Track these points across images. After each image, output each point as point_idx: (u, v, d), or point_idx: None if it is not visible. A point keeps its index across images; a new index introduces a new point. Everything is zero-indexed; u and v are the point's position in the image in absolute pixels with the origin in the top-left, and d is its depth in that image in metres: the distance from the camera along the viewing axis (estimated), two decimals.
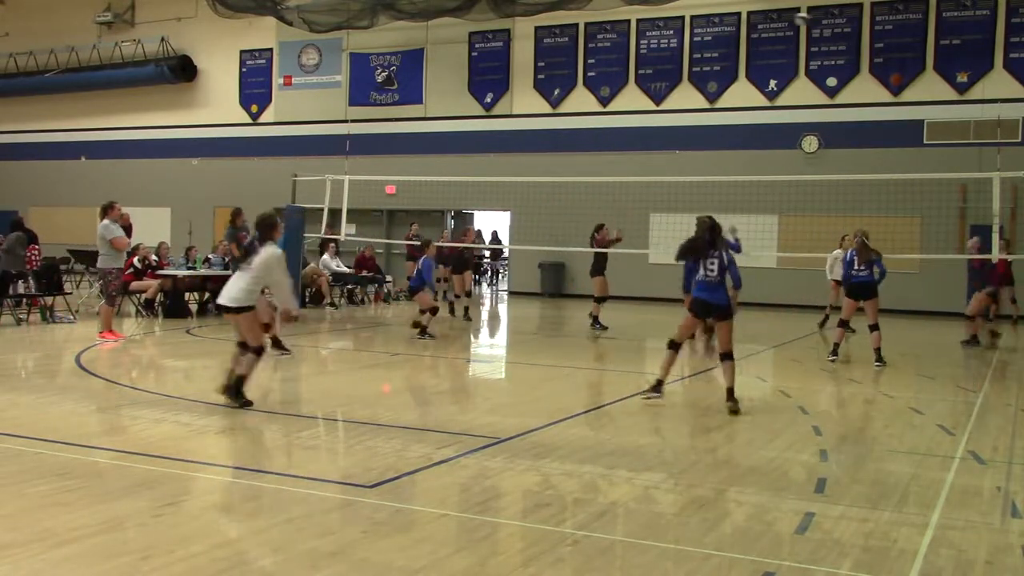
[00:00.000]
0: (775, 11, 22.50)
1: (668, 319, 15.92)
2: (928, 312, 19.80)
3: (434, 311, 14.30)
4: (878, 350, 11.91)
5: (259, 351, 8.21)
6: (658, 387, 8.81)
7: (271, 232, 8.28)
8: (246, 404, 8.04)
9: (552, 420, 7.91)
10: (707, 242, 8.70)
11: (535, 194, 21.97)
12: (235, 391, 8.07)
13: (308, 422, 7.90)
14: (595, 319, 15.86)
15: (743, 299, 19.49)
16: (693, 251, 8.78)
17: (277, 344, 11.23)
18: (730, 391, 8.60)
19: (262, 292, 8.80)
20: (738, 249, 14.16)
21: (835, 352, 12.39)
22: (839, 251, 15.57)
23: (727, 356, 8.70)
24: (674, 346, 8.92)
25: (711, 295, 8.68)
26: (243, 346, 8.27)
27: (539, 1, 22.06)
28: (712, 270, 8.67)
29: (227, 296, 8.21)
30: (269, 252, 8.14)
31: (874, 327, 11.97)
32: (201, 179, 28.48)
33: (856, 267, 12.14)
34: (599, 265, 15.95)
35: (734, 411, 8.42)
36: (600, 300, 15.96)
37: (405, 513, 5.29)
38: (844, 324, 12.51)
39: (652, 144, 23.21)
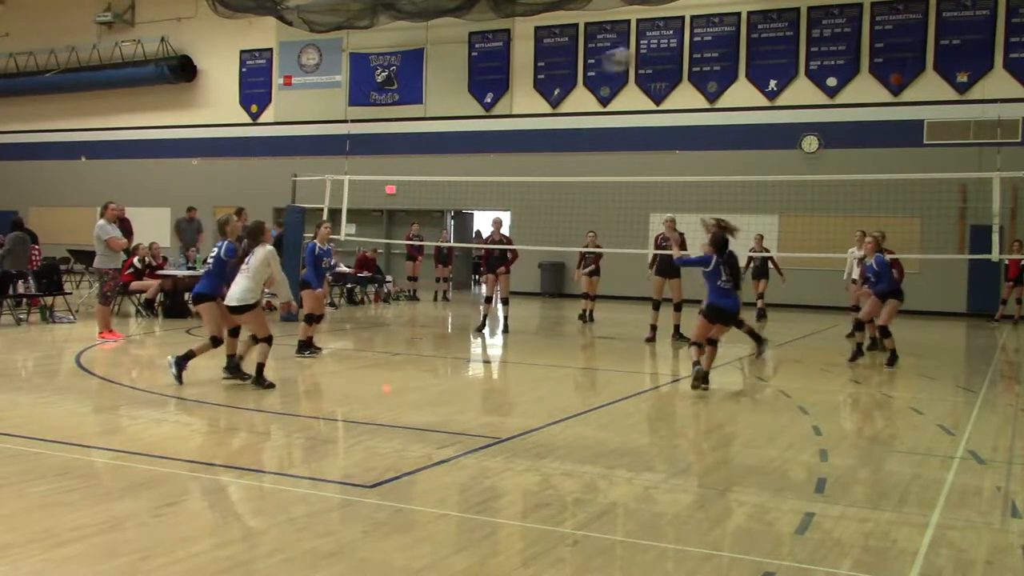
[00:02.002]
0: (775, 11, 22.51)
1: (667, 319, 15.92)
2: (928, 312, 19.78)
3: (319, 319, 11.92)
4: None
5: (269, 340, 9.20)
6: (705, 378, 9.51)
7: (260, 237, 9.23)
8: (269, 385, 9.04)
9: (552, 420, 7.91)
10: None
11: (535, 194, 21.96)
12: (257, 377, 9.11)
13: (308, 422, 7.90)
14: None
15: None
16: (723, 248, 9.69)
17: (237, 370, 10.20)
18: (706, 374, 9.52)
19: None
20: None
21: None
22: (854, 249, 15.20)
23: (713, 342, 9.76)
24: (698, 345, 9.65)
25: (726, 301, 9.64)
26: (233, 334, 9.39)
27: (539, 1, 22.06)
28: (729, 277, 9.67)
29: (232, 297, 9.13)
30: (264, 251, 9.13)
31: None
32: (201, 179, 28.47)
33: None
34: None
35: (704, 388, 9.43)
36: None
37: (405, 513, 5.29)
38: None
39: (652, 144, 23.21)
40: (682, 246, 12.12)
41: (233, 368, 9.42)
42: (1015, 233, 19.58)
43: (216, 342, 9.38)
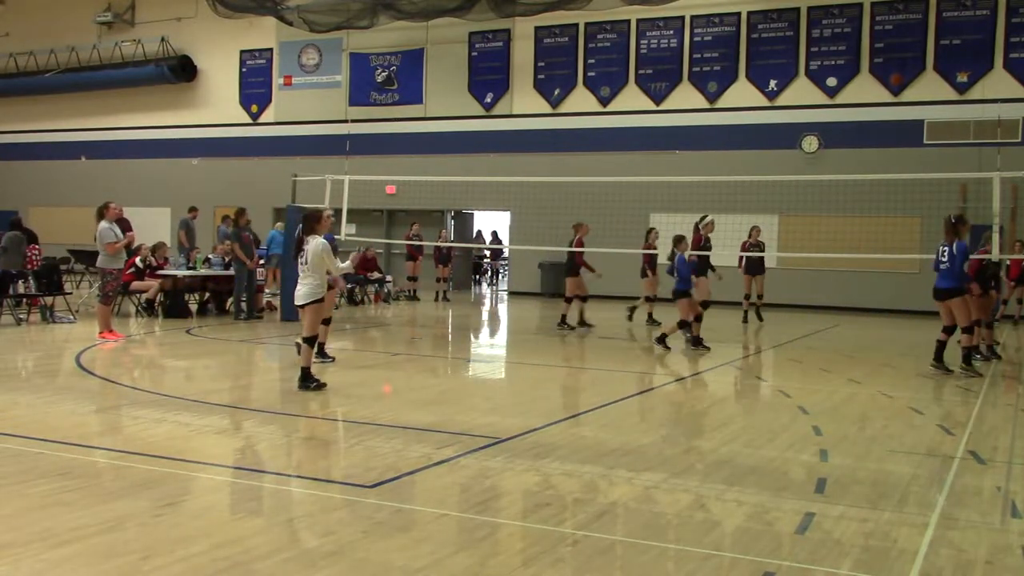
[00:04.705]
0: (775, 11, 22.51)
1: (667, 319, 15.91)
2: (929, 312, 19.75)
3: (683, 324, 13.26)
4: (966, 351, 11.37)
5: (312, 341, 9.19)
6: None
7: (316, 226, 9.24)
8: (319, 386, 9.06)
9: (552, 420, 7.91)
10: None
11: (535, 194, 21.97)
12: (301, 380, 9.09)
13: (308, 422, 7.90)
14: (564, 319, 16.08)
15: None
16: None
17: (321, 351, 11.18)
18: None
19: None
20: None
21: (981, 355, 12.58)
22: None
23: None
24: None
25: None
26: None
27: (539, 1, 22.07)
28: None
29: (299, 296, 9.22)
30: (316, 242, 9.12)
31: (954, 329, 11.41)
32: (201, 179, 28.48)
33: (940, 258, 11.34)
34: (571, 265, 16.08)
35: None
36: (569, 300, 16.03)
37: (405, 513, 5.29)
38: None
39: (652, 144, 23.22)
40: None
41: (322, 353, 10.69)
42: (1015, 233, 19.58)
43: (326, 321, 10.35)
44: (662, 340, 13.23)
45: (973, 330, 11.32)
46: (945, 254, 11.23)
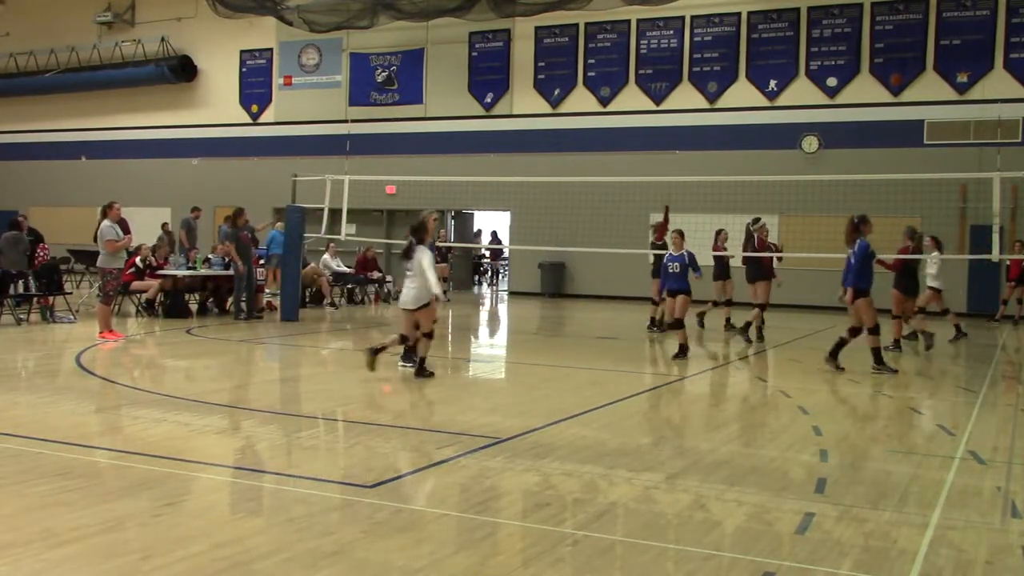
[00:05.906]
0: (775, 11, 22.52)
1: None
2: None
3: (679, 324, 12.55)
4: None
5: (431, 335, 9.95)
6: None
7: (424, 235, 9.79)
8: (430, 374, 9.88)
9: (552, 420, 7.90)
10: None
11: (535, 194, 21.97)
12: (417, 369, 9.90)
13: (308, 422, 7.90)
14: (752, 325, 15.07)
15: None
16: None
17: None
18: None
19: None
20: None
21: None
22: (937, 253, 14.63)
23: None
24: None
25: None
26: (403, 338, 10.09)
27: (539, 1, 22.07)
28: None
29: (409, 300, 9.82)
30: (422, 250, 9.64)
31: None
32: (201, 179, 28.48)
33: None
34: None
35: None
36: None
37: (405, 513, 5.29)
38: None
39: (652, 144, 23.22)
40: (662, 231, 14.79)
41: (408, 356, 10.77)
42: (1015, 233, 19.58)
43: (430, 337, 10.27)
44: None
45: (879, 331, 11.17)
46: (852, 255, 11.09)
